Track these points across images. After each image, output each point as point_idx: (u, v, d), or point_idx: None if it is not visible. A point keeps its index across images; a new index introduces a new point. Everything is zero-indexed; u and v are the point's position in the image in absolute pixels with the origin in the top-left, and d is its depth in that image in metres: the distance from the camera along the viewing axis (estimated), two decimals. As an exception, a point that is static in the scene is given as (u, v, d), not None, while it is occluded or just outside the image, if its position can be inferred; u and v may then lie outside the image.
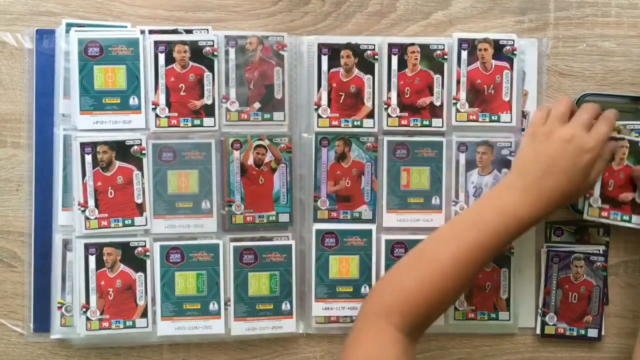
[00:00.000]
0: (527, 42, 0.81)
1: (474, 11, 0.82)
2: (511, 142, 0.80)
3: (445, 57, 0.80)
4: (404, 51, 0.80)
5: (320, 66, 0.79)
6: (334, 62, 0.79)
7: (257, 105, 0.79)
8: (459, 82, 0.80)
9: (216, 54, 0.78)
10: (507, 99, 0.80)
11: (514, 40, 0.80)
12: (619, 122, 0.78)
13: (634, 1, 0.82)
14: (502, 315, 0.81)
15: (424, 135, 0.80)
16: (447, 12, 0.81)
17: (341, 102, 0.80)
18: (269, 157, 0.79)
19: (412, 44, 0.80)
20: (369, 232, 0.80)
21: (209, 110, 0.79)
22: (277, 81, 0.79)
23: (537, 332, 0.82)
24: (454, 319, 0.81)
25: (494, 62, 0.80)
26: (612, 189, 0.79)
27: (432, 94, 0.80)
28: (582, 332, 0.81)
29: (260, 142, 0.79)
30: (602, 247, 0.81)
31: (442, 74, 0.80)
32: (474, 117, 0.80)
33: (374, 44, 0.79)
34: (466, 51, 0.80)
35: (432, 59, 0.80)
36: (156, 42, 0.78)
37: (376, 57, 0.79)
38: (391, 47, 0.80)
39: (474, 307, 0.81)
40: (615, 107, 0.78)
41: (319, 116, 0.80)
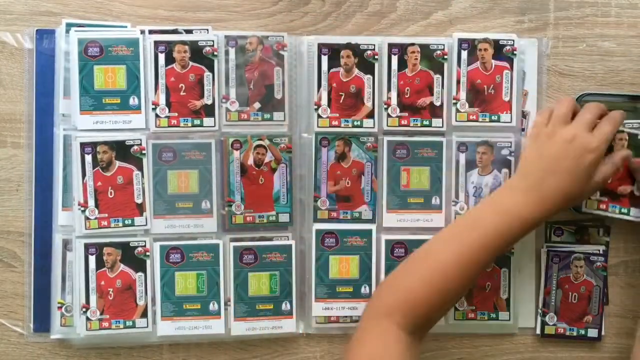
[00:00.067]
0: (527, 42, 0.81)
1: (474, 11, 0.82)
2: (511, 142, 0.80)
3: (445, 57, 0.80)
4: (404, 51, 0.80)
5: (320, 66, 0.79)
6: (334, 62, 0.79)
7: (257, 105, 0.79)
8: (459, 82, 0.80)
9: (216, 54, 0.78)
10: (507, 99, 0.80)
11: (514, 40, 0.80)
12: (624, 128, 0.78)
13: (634, 1, 0.82)
14: (502, 315, 0.81)
15: (424, 135, 0.80)
16: (447, 12, 0.81)
17: (341, 102, 0.80)
18: (269, 157, 0.79)
19: (412, 44, 0.80)
20: (369, 232, 0.80)
21: (209, 110, 0.79)
22: (277, 81, 0.79)
23: (537, 332, 0.82)
24: (454, 319, 0.81)
25: (494, 62, 0.80)
26: (610, 182, 0.79)
27: (432, 94, 0.80)
28: (582, 332, 0.81)
29: (260, 142, 0.79)
30: (602, 247, 0.81)
31: (442, 74, 0.80)
32: (474, 117, 0.80)
33: (374, 44, 0.79)
34: (466, 51, 0.80)
35: (432, 59, 0.80)
36: (156, 42, 0.78)
37: (376, 57, 0.79)
38: (391, 47, 0.80)
39: (474, 307, 0.81)
40: (614, 106, 0.78)
41: (319, 116, 0.80)
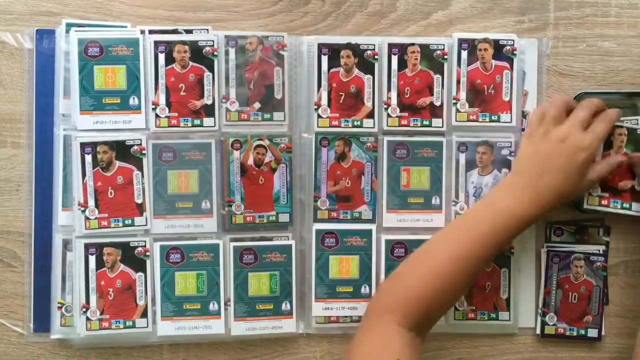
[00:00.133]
0: (527, 42, 0.81)
1: (474, 11, 0.82)
2: (511, 142, 0.80)
3: (445, 57, 0.80)
4: (404, 51, 0.80)
5: (320, 66, 0.79)
6: (334, 62, 0.79)
7: (257, 105, 0.79)
8: (459, 82, 0.80)
9: (216, 54, 0.78)
10: (507, 99, 0.80)
11: (514, 40, 0.80)
12: (622, 124, 0.78)
13: (634, 1, 0.82)
14: (502, 315, 0.81)
15: (424, 135, 0.80)
16: (447, 12, 0.81)
17: (341, 102, 0.80)
18: (269, 157, 0.79)
19: (412, 44, 0.80)
20: (369, 232, 0.80)
21: (209, 110, 0.79)
22: (277, 81, 0.79)
23: (537, 332, 0.82)
24: (454, 319, 0.81)
25: (494, 62, 0.80)
26: (611, 177, 0.79)
27: (432, 94, 0.80)
28: (582, 332, 0.81)
29: (260, 142, 0.79)
30: (602, 247, 0.81)
31: (442, 74, 0.80)
32: (474, 117, 0.80)
33: (374, 44, 0.79)
34: (466, 51, 0.80)
35: (432, 59, 0.80)
36: (156, 42, 0.78)
37: (376, 57, 0.79)
38: (391, 47, 0.80)
39: (474, 307, 0.81)
40: (613, 104, 0.78)
41: (319, 116, 0.80)
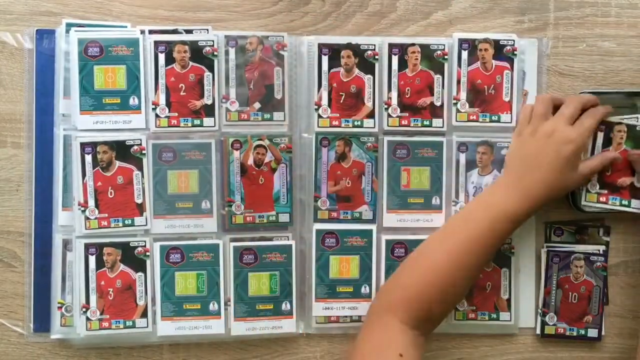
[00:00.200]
0: (527, 42, 0.81)
1: (474, 11, 0.82)
2: (510, 142, 0.80)
3: (445, 57, 0.80)
4: (404, 51, 0.80)
5: (320, 66, 0.79)
6: (334, 62, 0.79)
7: (257, 105, 0.79)
8: (459, 82, 0.80)
9: (216, 54, 0.78)
10: (507, 99, 0.80)
11: (514, 40, 0.80)
12: (614, 118, 0.78)
13: (634, 1, 0.82)
14: (503, 315, 0.81)
15: (424, 135, 0.80)
16: (447, 12, 0.81)
17: (341, 102, 0.80)
18: (269, 157, 0.79)
19: (413, 44, 0.80)
20: (369, 232, 0.80)
21: (209, 110, 0.79)
22: (277, 81, 0.79)
23: (537, 332, 0.82)
24: (455, 319, 0.81)
25: (494, 62, 0.80)
26: (610, 174, 0.79)
27: (432, 94, 0.80)
28: (582, 332, 0.81)
29: (260, 142, 0.79)
30: (602, 247, 0.81)
31: (442, 74, 0.80)
32: (474, 117, 0.80)
33: (375, 44, 0.79)
34: (466, 51, 0.80)
35: (433, 59, 0.80)
36: (156, 42, 0.78)
37: (376, 57, 0.79)
38: (391, 47, 0.80)
39: (474, 307, 0.81)
40: (612, 103, 0.78)
41: (320, 116, 0.79)
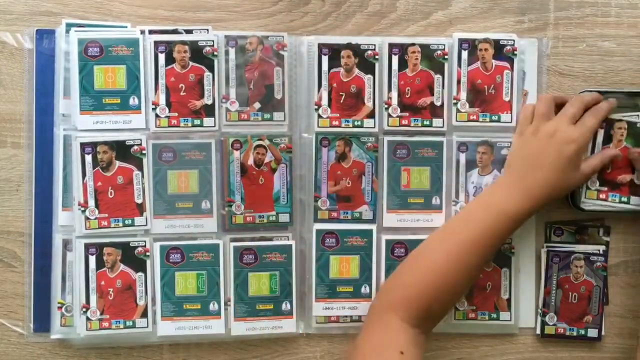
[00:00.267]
0: (527, 42, 0.81)
1: (474, 11, 0.82)
2: (511, 142, 0.80)
3: (445, 57, 0.80)
4: (404, 51, 0.80)
5: (320, 66, 0.79)
6: (334, 62, 0.79)
7: (257, 105, 0.79)
8: (459, 82, 0.80)
9: (216, 54, 0.78)
10: (507, 99, 0.80)
11: (514, 40, 0.80)
12: (615, 115, 0.78)
13: (634, 1, 0.82)
14: (503, 315, 0.81)
15: (424, 135, 0.80)
16: (447, 12, 0.81)
17: (342, 102, 0.80)
18: (269, 157, 0.79)
19: (413, 44, 0.80)
20: (370, 232, 0.80)
21: (209, 110, 0.79)
22: (277, 81, 0.79)
23: (537, 332, 0.82)
24: (455, 319, 0.81)
25: (494, 62, 0.80)
26: (610, 171, 0.80)
27: (432, 94, 0.80)
28: (582, 332, 0.81)
29: (260, 142, 0.79)
30: (602, 247, 0.81)
31: (442, 74, 0.80)
32: (475, 117, 0.80)
33: (375, 44, 0.79)
34: (466, 51, 0.80)
35: (433, 59, 0.80)
36: (156, 42, 0.78)
37: (377, 57, 0.79)
38: (392, 47, 0.80)
39: (474, 307, 0.81)
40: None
41: (320, 116, 0.79)
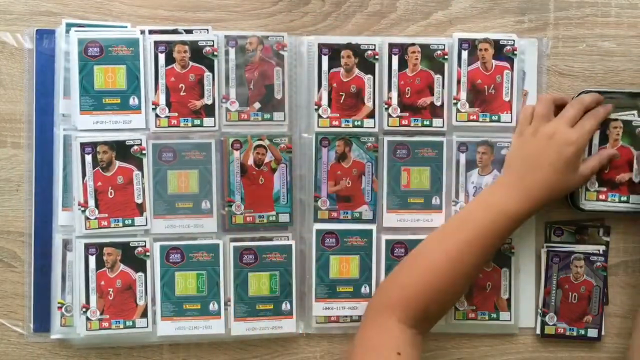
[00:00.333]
0: (527, 42, 0.81)
1: (474, 11, 0.82)
2: (511, 142, 0.80)
3: (445, 57, 0.80)
4: (404, 51, 0.80)
5: (320, 66, 0.79)
6: (334, 62, 0.79)
7: (257, 105, 0.79)
8: (459, 82, 0.80)
9: (216, 54, 0.78)
10: (507, 99, 0.80)
11: (514, 40, 0.80)
12: (614, 115, 0.79)
13: (634, 1, 0.82)
14: (503, 315, 0.81)
15: (424, 135, 0.80)
16: (447, 12, 0.81)
17: (342, 102, 0.80)
18: (269, 157, 0.79)
19: (413, 44, 0.80)
20: (370, 232, 0.80)
21: (209, 110, 0.79)
22: (277, 81, 0.79)
23: (537, 332, 0.82)
24: (455, 319, 0.81)
25: (494, 62, 0.80)
26: (608, 171, 0.80)
27: (432, 94, 0.80)
28: (582, 332, 0.81)
29: (260, 142, 0.79)
30: (602, 247, 0.81)
31: (442, 74, 0.80)
32: (475, 117, 0.80)
33: (375, 44, 0.79)
34: (466, 51, 0.80)
35: (433, 59, 0.80)
36: (156, 42, 0.78)
37: (377, 57, 0.79)
38: (392, 47, 0.80)
39: (474, 307, 0.81)
40: (613, 104, 0.79)
41: (320, 116, 0.79)
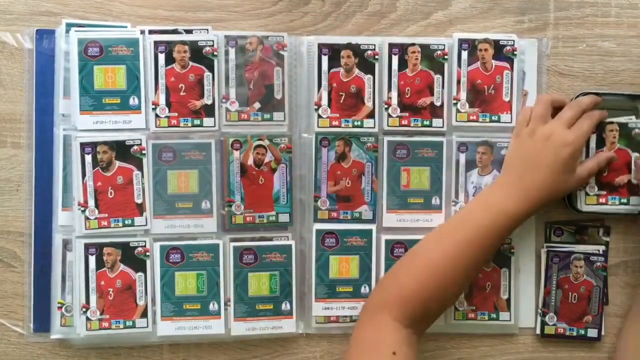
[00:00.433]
0: (527, 42, 0.81)
1: (474, 11, 0.82)
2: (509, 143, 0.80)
3: (445, 57, 0.80)
4: (404, 51, 0.80)
5: (320, 66, 0.79)
6: (334, 62, 0.79)
7: (257, 105, 0.79)
8: (459, 82, 0.80)
9: (216, 54, 0.78)
10: (507, 99, 0.80)
11: (514, 40, 0.80)
12: (610, 118, 0.79)
13: (634, 1, 0.82)
14: (503, 315, 0.81)
15: (424, 135, 0.80)
16: (447, 12, 0.81)
17: (341, 102, 0.80)
18: (269, 157, 0.79)
19: (413, 44, 0.80)
20: (369, 232, 0.80)
21: (209, 110, 0.79)
22: (277, 81, 0.79)
23: (537, 332, 0.82)
24: (454, 319, 0.81)
25: (494, 62, 0.80)
26: (606, 174, 0.80)
27: (432, 94, 0.80)
28: (582, 332, 0.81)
29: (260, 142, 0.79)
30: (602, 247, 0.81)
31: (442, 74, 0.80)
32: (474, 117, 0.80)
33: (375, 44, 0.79)
34: (466, 51, 0.80)
35: (433, 59, 0.80)
36: (156, 42, 0.78)
37: (377, 57, 0.79)
38: (392, 47, 0.80)
39: (474, 307, 0.81)
40: (613, 106, 0.79)
41: (319, 116, 0.80)
